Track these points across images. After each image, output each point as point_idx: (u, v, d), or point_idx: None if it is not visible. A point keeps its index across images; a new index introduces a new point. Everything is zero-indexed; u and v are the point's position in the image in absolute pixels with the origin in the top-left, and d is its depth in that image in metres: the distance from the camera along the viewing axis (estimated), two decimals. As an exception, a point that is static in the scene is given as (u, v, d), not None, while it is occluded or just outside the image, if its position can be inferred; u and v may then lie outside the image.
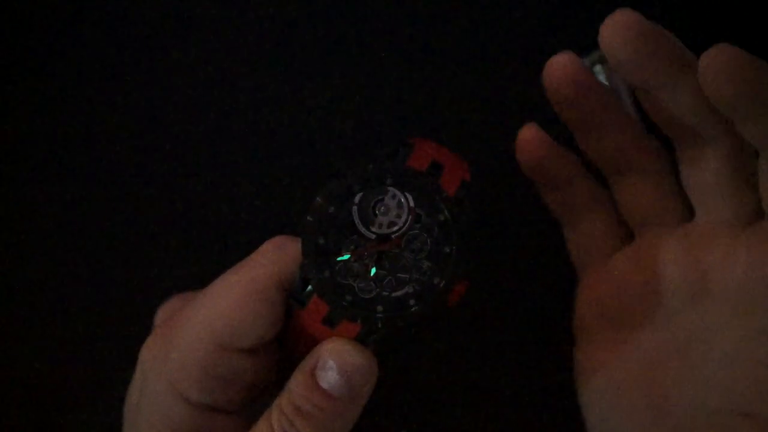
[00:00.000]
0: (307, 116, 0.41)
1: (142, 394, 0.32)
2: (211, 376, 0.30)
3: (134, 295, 0.38)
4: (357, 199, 0.30)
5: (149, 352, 0.32)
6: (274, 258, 0.31)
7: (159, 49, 0.41)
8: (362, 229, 0.30)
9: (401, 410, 0.40)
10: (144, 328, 0.35)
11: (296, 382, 0.30)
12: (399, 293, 0.30)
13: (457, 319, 0.40)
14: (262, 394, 0.32)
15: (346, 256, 0.30)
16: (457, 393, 0.40)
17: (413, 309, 0.30)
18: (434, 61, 0.42)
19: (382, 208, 0.30)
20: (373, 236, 0.30)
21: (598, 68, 0.41)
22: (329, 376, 0.30)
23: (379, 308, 0.30)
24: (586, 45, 0.41)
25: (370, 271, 0.30)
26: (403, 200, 0.30)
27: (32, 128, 0.40)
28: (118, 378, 0.34)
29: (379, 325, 0.30)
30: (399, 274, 0.30)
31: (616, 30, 0.29)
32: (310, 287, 0.30)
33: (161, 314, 0.36)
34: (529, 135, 0.35)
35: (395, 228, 0.30)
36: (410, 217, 0.30)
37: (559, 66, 0.33)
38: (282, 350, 0.33)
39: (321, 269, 0.29)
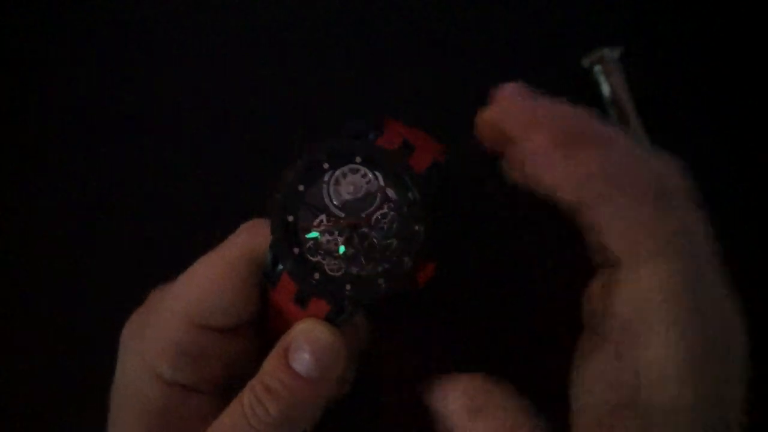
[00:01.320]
0: (305, 114, 0.41)
1: (120, 373, 0.32)
2: (183, 353, 0.31)
3: (129, 288, 0.39)
4: (326, 176, 0.30)
5: (128, 332, 0.32)
6: (247, 239, 0.31)
7: (151, 48, 0.42)
8: (332, 207, 0.30)
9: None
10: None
11: (269, 363, 0.30)
12: (367, 272, 0.29)
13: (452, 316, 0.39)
14: (243, 378, 0.32)
15: (315, 234, 0.29)
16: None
17: (381, 287, 0.29)
18: (433, 60, 0.42)
19: (351, 186, 0.29)
20: (343, 214, 0.29)
21: (597, 68, 0.41)
22: (301, 357, 0.30)
23: (348, 286, 0.29)
24: (585, 45, 0.41)
25: (339, 249, 0.29)
26: (372, 178, 0.29)
27: (30, 127, 0.41)
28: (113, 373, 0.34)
29: (347, 304, 0.29)
30: (368, 253, 0.29)
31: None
32: (280, 266, 0.30)
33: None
34: None
35: (364, 206, 0.29)
36: (379, 195, 0.29)
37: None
38: (263, 335, 0.33)
39: (290, 247, 0.29)
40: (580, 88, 0.41)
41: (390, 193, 0.30)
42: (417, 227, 0.29)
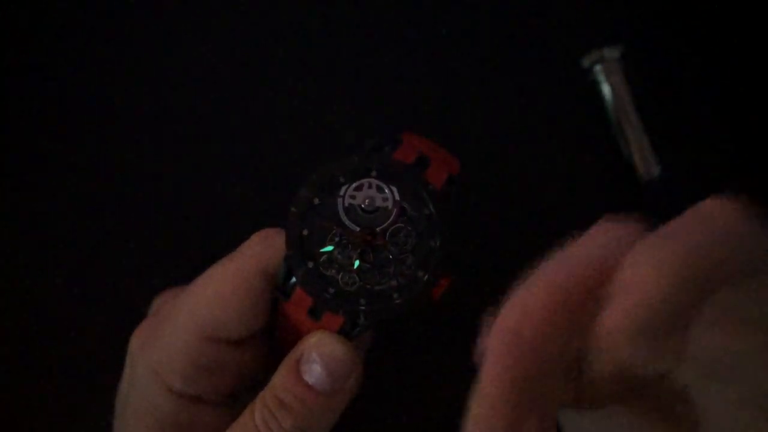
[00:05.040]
0: (302, 112, 0.40)
1: (129, 384, 0.32)
2: (195, 366, 0.30)
3: (131, 293, 0.38)
4: (342, 190, 0.29)
5: (137, 342, 0.32)
6: (260, 250, 0.31)
7: (153, 49, 0.41)
8: (347, 221, 0.29)
9: (394, 411, 0.39)
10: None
11: (280, 375, 0.30)
12: (382, 286, 0.29)
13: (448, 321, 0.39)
14: (251, 387, 0.32)
15: (330, 248, 0.29)
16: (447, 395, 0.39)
17: (396, 302, 0.29)
18: (433, 60, 0.41)
19: (367, 200, 0.29)
20: (358, 228, 0.29)
21: (597, 68, 0.41)
22: (313, 369, 0.29)
23: (362, 301, 0.29)
24: (585, 45, 0.41)
25: (353, 264, 0.29)
26: (388, 192, 0.29)
27: (30, 127, 0.40)
28: (114, 377, 0.34)
29: (362, 318, 0.29)
30: (383, 267, 0.29)
31: None
32: (294, 279, 0.30)
33: (154, 307, 0.36)
34: None
35: (380, 220, 0.29)
36: (395, 209, 0.29)
37: None
38: (271, 344, 0.33)
39: (305, 260, 0.29)
40: (580, 88, 0.41)
41: (405, 207, 0.29)
42: (432, 242, 0.29)
